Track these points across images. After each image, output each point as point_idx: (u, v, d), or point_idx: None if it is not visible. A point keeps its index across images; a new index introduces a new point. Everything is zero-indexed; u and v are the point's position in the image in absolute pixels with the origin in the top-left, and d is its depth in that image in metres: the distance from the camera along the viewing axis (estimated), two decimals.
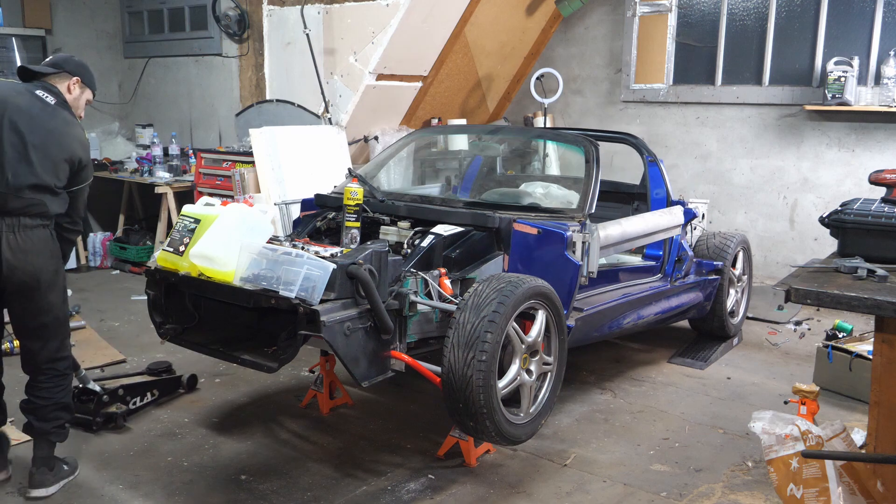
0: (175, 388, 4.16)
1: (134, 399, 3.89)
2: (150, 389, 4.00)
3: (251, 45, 7.05)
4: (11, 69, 7.36)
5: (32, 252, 2.98)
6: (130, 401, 3.87)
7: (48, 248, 3.03)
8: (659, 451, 3.66)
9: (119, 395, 3.82)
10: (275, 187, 5.59)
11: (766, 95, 6.53)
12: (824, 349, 4.40)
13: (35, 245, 2.98)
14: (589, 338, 4.11)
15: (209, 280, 3.09)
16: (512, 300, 3.11)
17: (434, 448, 3.57)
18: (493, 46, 7.13)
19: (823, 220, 2.64)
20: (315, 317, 2.86)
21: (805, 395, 3.09)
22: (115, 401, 3.81)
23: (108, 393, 3.76)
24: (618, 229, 3.97)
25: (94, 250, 7.27)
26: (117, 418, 3.73)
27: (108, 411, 3.74)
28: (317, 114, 6.21)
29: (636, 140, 4.93)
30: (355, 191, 3.53)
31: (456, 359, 3.03)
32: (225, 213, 3.15)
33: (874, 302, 2.13)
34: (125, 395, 3.85)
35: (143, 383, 3.99)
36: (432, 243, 3.52)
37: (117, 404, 3.81)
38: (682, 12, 6.92)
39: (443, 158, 6.38)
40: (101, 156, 7.64)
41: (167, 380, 4.13)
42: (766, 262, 6.69)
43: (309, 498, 3.17)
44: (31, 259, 2.97)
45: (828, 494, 2.58)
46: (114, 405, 3.79)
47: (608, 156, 6.64)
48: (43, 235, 3.01)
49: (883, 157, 6.04)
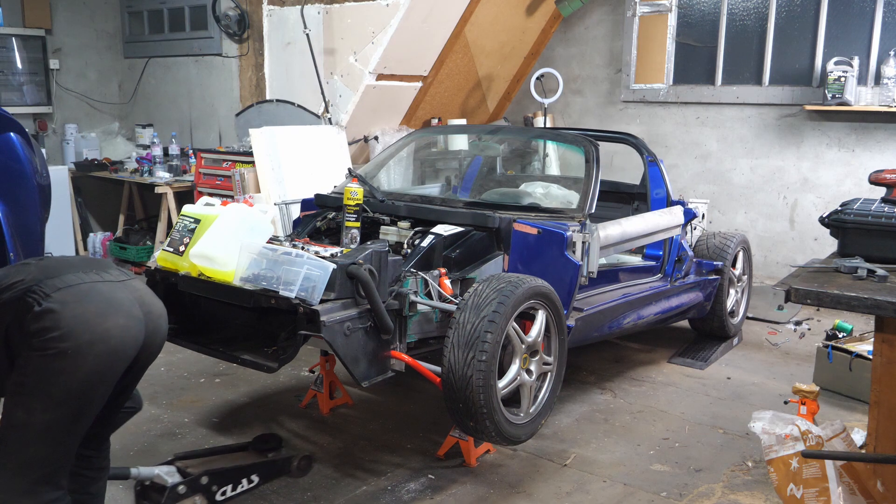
0: (283, 472, 3.20)
1: (223, 488, 2.95)
2: (248, 475, 3.05)
3: (251, 45, 7.05)
4: (12, 69, 7.37)
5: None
6: (218, 491, 2.94)
7: None
8: (659, 451, 3.66)
9: (202, 484, 2.89)
10: (275, 187, 5.59)
11: (766, 95, 6.53)
12: (824, 349, 4.40)
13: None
14: (589, 338, 4.11)
15: (209, 280, 3.09)
16: (512, 300, 3.11)
17: (434, 448, 3.57)
18: (493, 46, 7.13)
19: (823, 220, 2.64)
20: (315, 317, 2.86)
21: (805, 395, 3.08)
22: (196, 492, 2.88)
23: (186, 483, 2.86)
24: (618, 229, 3.96)
25: (94, 250, 7.27)
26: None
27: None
28: (317, 114, 6.21)
29: (636, 140, 4.93)
30: (355, 191, 3.52)
31: (456, 359, 3.03)
32: (225, 213, 3.14)
33: (874, 302, 2.13)
34: (210, 485, 2.92)
35: (239, 467, 3.05)
36: (432, 243, 3.52)
37: (199, 496, 2.89)
38: (682, 12, 6.92)
39: (443, 158, 6.38)
40: (101, 156, 7.64)
41: (272, 462, 3.17)
42: (766, 262, 6.69)
43: (309, 498, 3.17)
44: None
45: (828, 494, 2.58)
46: (193, 498, 2.88)
47: (608, 156, 6.63)
48: None
49: (883, 157, 6.04)
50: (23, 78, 7.46)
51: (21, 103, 7.40)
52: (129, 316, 2.24)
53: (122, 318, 2.21)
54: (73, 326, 2.10)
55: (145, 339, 2.33)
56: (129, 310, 2.25)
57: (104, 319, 2.16)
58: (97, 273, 2.28)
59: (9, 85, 7.37)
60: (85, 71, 7.93)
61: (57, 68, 7.65)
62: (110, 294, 2.23)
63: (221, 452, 3.24)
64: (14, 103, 7.25)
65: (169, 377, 4.44)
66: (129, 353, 2.27)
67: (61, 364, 2.11)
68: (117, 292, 2.26)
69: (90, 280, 2.23)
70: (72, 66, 7.80)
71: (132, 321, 2.25)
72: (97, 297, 2.19)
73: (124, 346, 2.22)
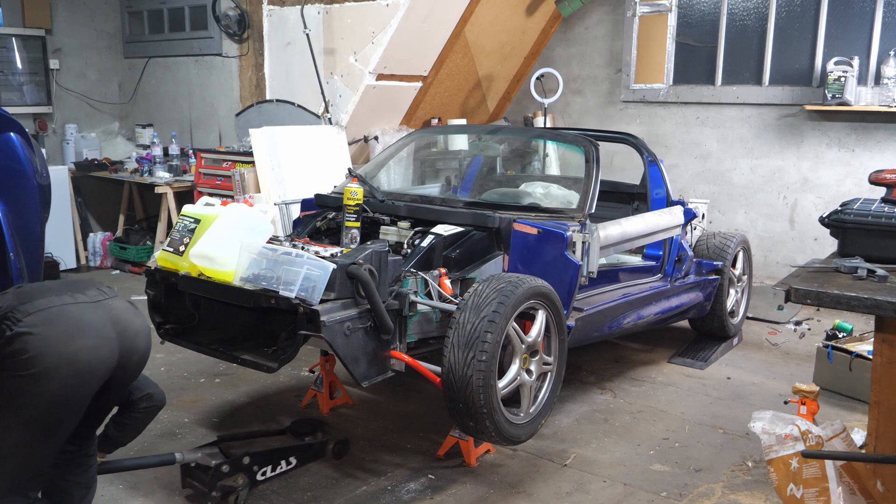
0: (319, 455, 3.43)
1: (264, 469, 3.20)
2: (286, 457, 3.29)
3: (251, 45, 7.05)
4: (12, 69, 7.37)
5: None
6: (259, 471, 3.18)
7: None
8: (659, 451, 3.66)
9: (244, 464, 3.12)
10: (275, 187, 5.59)
11: (766, 95, 6.53)
12: (824, 349, 4.40)
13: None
14: (589, 338, 4.11)
15: (209, 280, 3.09)
16: (512, 300, 3.11)
17: (434, 448, 3.57)
18: (493, 46, 7.13)
19: (823, 220, 2.64)
20: (315, 317, 2.86)
21: (805, 395, 3.08)
22: (239, 471, 3.09)
23: (228, 462, 3.08)
24: (618, 229, 3.96)
25: (94, 250, 7.27)
26: (237, 495, 3.03)
27: (228, 484, 3.03)
28: (317, 114, 6.21)
29: (636, 140, 4.93)
30: (355, 191, 3.52)
31: (456, 359, 3.03)
32: (225, 213, 3.15)
33: (874, 302, 2.13)
34: (252, 465, 3.15)
35: (278, 449, 3.28)
36: (432, 243, 3.52)
37: (241, 475, 3.09)
38: (682, 12, 6.92)
39: (443, 158, 6.38)
40: (101, 156, 7.65)
41: (309, 445, 3.39)
42: (766, 262, 6.69)
43: (309, 498, 3.17)
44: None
45: (828, 494, 2.58)
46: (236, 477, 3.08)
47: (608, 156, 6.63)
48: None
49: (883, 157, 6.04)
50: (23, 78, 7.46)
51: (21, 103, 7.40)
52: (99, 337, 2.29)
53: (91, 340, 2.26)
54: (41, 349, 2.17)
55: (119, 358, 2.36)
56: (100, 331, 2.29)
57: (71, 342, 2.22)
58: (71, 295, 2.33)
59: (9, 85, 7.37)
60: (85, 71, 7.93)
61: (57, 68, 7.65)
62: (80, 316, 2.28)
63: (261, 436, 3.43)
64: (14, 103, 7.25)
65: (169, 377, 4.44)
66: (99, 375, 2.31)
67: (30, 385, 2.18)
68: (87, 314, 2.31)
69: (61, 303, 2.28)
70: (72, 66, 7.80)
71: (102, 342, 2.29)
72: (66, 319, 2.25)
73: (91, 368, 2.27)
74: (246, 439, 3.37)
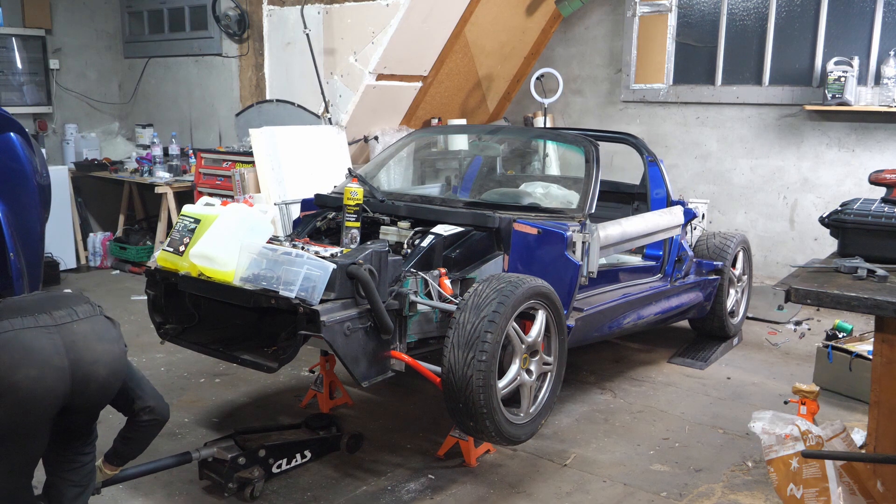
0: (333, 449, 3.51)
1: (279, 461, 3.27)
2: (301, 450, 3.36)
3: (251, 45, 7.05)
4: (12, 69, 7.37)
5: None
6: (274, 464, 3.25)
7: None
8: (659, 451, 3.66)
9: (260, 457, 3.19)
10: (275, 187, 5.59)
11: (766, 95, 6.53)
12: (824, 349, 4.40)
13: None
14: (589, 338, 4.11)
15: (209, 280, 3.09)
16: (512, 300, 3.11)
17: (434, 448, 3.57)
18: (493, 46, 7.13)
19: (823, 220, 2.64)
20: (315, 317, 2.86)
21: (805, 395, 3.08)
22: (254, 464, 3.16)
23: (245, 455, 3.15)
24: (618, 229, 3.96)
25: (94, 250, 7.27)
26: (253, 486, 3.10)
27: (244, 476, 3.11)
28: (317, 114, 6.21)
29: (636, 140, 4.93)
30: (355, 191, 3.52)
31: (456, 359, 3.03)
32: (225, 213, 3.14)
33: (874, 302, 2.13)
34: (267, 458, 3.22)
35: (293, 443, 3.35)
36: (432, 243, 3.52)
37: (257, 468, 3.16)
38: (682, 12, 6.92)
39: (443, 158, 6.38)
40: (101, 156, 7.64)
41: (324, 439, 3.47)
42: (766, 262, 6.69)
43: (309, 498, 3.17)
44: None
45: (828, 494, 2.58)
46: (252, 469, 3.15)
47: (608, 156, 6.62)
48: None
49: (883, 157, 6.04)
50: (23, 78, 7.46)
51: (21, 103, 7.40)
52: (45, 366, 2.23)
53: (35, 370, 2.22)
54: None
55: (73, 386, 2.30)
56: (48, 359, 2.24)
57: (14, 371, 2.19)
58: (35, 317, 2.28)
59: (9, 85, 7.37)
60: (85, 71, 7.93)
61: (57, 68, 7.65)
62: (30, 343, 2.24)
63: (276, 429, 3.50)
64: (14, 103, 7.25)
65: (169, 377, 4.44)
66: (45, 404, 2.26)
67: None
68: (39, 341, 2.26)
69: (19, 327, 2.25)
70: (72, 66, 7.80)
71: (48, 371, 2.24)
72: (15, 346, 2.21)
73: (34, 397, 2.22)
74: (262, 432, 3.43)
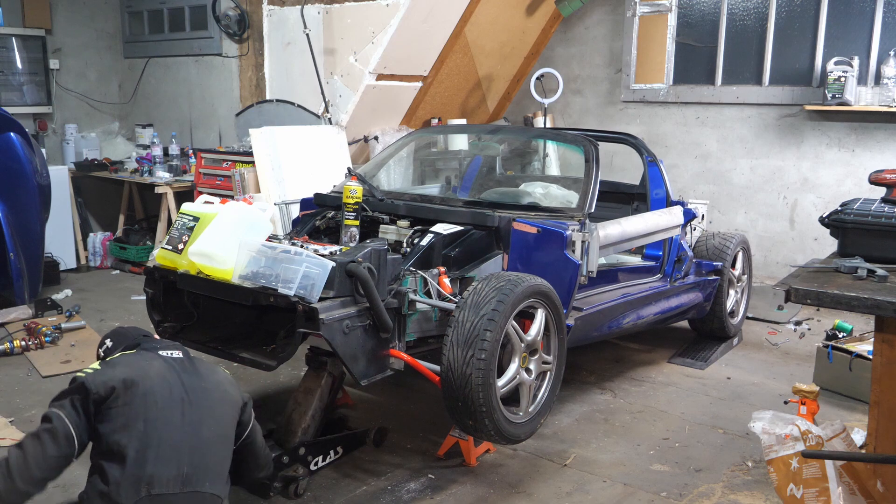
0: (361, 443, 3.58)
1: (316, 459, 3.33)
2: (334, 447, 3.43)
3: (251, 45, 7.05)
4: (12, 69, 7.37)
5: None
6: (312, 461, 3.30)
7: None
8: (659, 451, 3.65)
9: (300, 455, 3.25)
10: (275, 187, 5.59)
11: (766, 95, 6.53)
12: (824, 349, 4.40)
13: None
14: (589, 337, 4.10)
15: (208, 278, 3.09)
16: (511, 299, 3.11)
17: (434, 448, 3.57)
18: (493, 46, 7.13)
19: (823, 220, 2.64)
20: (314, 315, 2.86)
21: (805, 395, 3.08)
22: (296, 462, 3.22)
23: (287, 453, 3.20)
24: (617, 229, 3.96)
25: (94, 250, 7.26)
26: (298, 484, 3.16)
27: (288, 475, 3.17)
28: (317, 114, 6.21)
29: (636, 140, 4.93)
30: (354, 189, 3.52)
31: (455, 357, 3.03)
32: (224, 211, 3.14)
33: (874, 302, 2.13)
34: (307, 455, 3.28)
35: (327, 440, 3.41)
36: (431, 242, 3.51)
37: (299, 465, 3.23)
38: (682, 12, 6.92)
39: (443, 158, 6.38)
40: (101, 156, 7.64)
41: (353, 435, 3.56)
42: (766, 262, 6.69)
43: (309, 498, 3.17)
44: None
45: (828, 494, 2.57)
46: (296, 466, 3.21)
47: (608, 156, 6.63)
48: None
49: (883, 157, 6.04)
50: (23, 78, 7.46)
51: (21, 103, 7.40)
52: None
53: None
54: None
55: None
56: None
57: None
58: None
59: (9, 85, 7.37)
60: (85, 71, 7.93)
61: (57, 68, 7.65)
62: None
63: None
64: (14, 103, 7.25)
65: None
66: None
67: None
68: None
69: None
70: (72, 66, 7.80)
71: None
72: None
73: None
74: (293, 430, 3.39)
